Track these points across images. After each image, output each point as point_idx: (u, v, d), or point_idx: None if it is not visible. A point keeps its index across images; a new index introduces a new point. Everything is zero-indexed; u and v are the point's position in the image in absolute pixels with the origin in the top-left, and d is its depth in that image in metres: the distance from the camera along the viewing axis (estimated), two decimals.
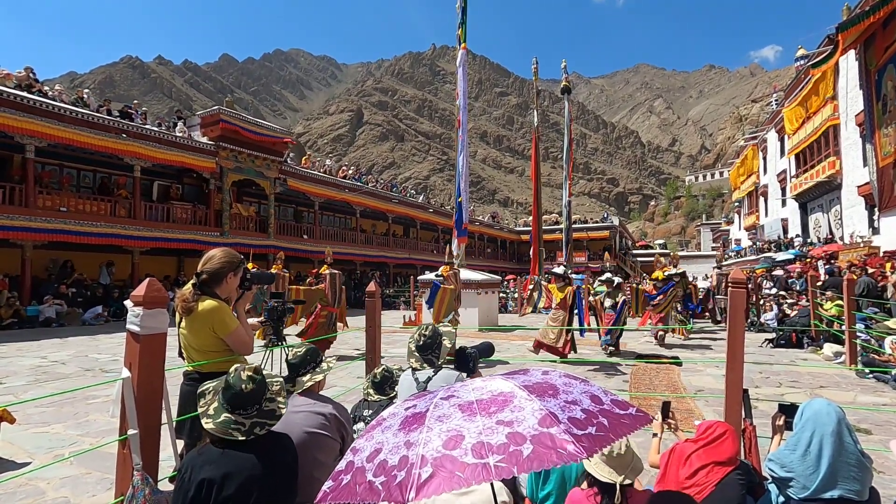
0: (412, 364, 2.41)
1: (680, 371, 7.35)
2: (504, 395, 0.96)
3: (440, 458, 0.83)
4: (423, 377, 2.28)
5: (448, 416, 0.94)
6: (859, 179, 18.24)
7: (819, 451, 1.88)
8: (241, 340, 2.42)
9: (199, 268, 2.44)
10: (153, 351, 1.84)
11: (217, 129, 17.70)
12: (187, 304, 2.31)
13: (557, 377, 1.07)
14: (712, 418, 4.88)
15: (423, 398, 1.09)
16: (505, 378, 1.06)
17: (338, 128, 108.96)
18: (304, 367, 2.44)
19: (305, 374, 2.42)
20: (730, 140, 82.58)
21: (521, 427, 0.86)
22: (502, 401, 0.94)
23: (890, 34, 15.32)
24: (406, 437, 0.93)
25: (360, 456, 0.97)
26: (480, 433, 0.86)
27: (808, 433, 1.92)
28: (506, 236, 41.17)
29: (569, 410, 0.91)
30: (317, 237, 22.80)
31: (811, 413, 1.97)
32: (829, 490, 1.82)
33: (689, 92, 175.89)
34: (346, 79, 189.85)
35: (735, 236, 40.19)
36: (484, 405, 0.94)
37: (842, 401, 5.73)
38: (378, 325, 3.89)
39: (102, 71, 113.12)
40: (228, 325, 2.37)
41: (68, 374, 6.90)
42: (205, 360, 2.36)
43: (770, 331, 11.61)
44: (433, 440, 0.88)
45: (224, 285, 2.47)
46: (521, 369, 1.13)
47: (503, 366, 7.92)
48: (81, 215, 14.54)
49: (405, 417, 1.00)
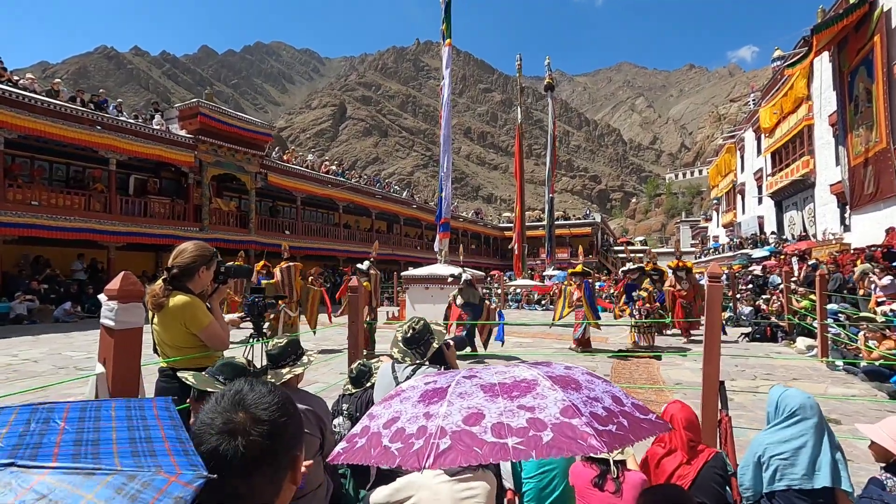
0: (394, 354, 2.38)
1: (659, 365, 7.48)
2: (527, 381, 0.98)
3: (459, 432, 0.85)
4: (403, 376, 2.26)
5: (470, 394, 0.95)
6: (832, 178, 18.76)
7: (807, 442, 1.97)
8: (215, 335, 2.37)
9: (170, 262, 2.37)
10: (128, 346, 1.80)
11: (196, 122, 17.34)
12: (157, 300, 2.25)
13: (580, 373, 1.09)
14: None
15: (443, 375, 1.11)
16: (529, 367, 1.08)
17: (320, 122, 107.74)
18: (285, 358, 2.40)
19: (285, 367, 2.39)
20: (709, 139, 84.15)
21: (542, 414, 0.87)
22: (525, 386, 0.96)
23: (862, 37, 15.75)
24: (426, 408, 0.94)
25: (377, 422, 0.98)
26: (501, 414, 0.87)
27: (799, 427, 2.00)
28: (489, 232, 41.32)
29: (591, 406, 0.92)
30: (299, 233, 22.55)
31: (797, 405, 2.04)
32: (815, 480, 1.90)
33: (669, 91, 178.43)
34: (328, 73, 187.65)
35: (713, 233, 40.99)
36: (507, 388, 0.95)
37: (813, 392, 5.89)
38: (361, 320, 3.87)
39: (76, 61, 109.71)
40: (201, 320, 2.32)
41: (41, 371, 6.71)
42: (179, 356, 2.31)
43: (746, 325, 11.91)
44: (454, 414, 0.89)
45: (197, 279, 2.40)
46: (543, 361, 1.15)
47: (485, 361, 7.94)
48: (54, 209, 14.12)
49: (425, 391, 1.02)
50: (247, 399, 0.82)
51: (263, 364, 2.40)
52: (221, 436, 0.76)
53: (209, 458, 0.74)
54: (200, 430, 0.78)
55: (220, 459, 0.75)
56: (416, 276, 13.96)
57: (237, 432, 0.77)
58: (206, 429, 0.78)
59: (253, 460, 0.76)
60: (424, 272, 13.94)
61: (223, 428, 0.77)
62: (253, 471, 0.77)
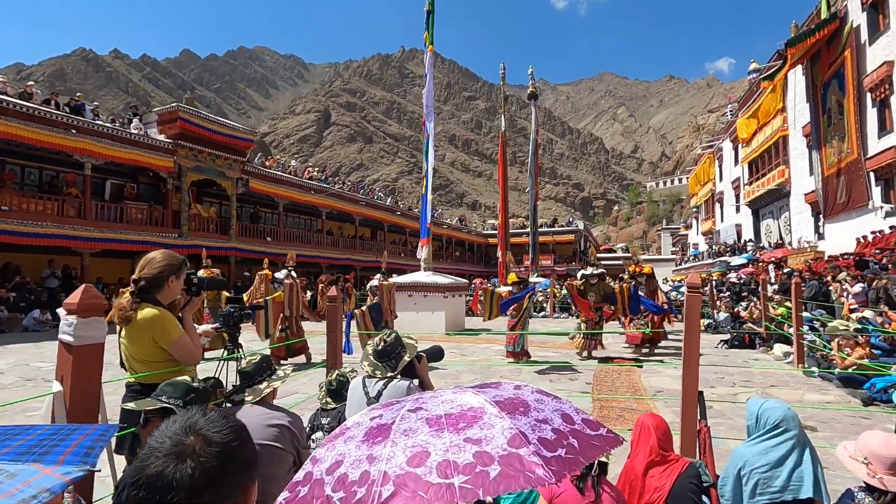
0: (365, 368, 2.34)
1: (641, 373, 7.53)
2: (474, 409, 0.94)
3: (403, 475, 0.80)
4: (374, 391, 2.21)
5: (414, 430, 0.90)
6: (806, 187, 19.27)
7: (789, 454, 1.97)
8: (185, 350, 2.28)
9: (137, 273, 2.28)
10: (88, 363, 1.71)
11: (175, 126, 17.04)
12: (125, 313, 2.15)
13: (529, 393, 1.05)
14: (671, 419, 5.01)
15: (389, 408, 1.05)
16: (476, 392, 1.04)
17: (304, 128, 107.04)
18: (261, 374, 2.35)
19: (262, 382, 2.33)
20: (688, 148, 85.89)
21: (489, 446, 0.83)
22: (472, 416, 0.92)
23: (834, 51, 16.28)
24: (369, 450, 0.89)
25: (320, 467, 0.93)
26: (447, 450, 0.83)
27: (781, 439, 2.01)
28: (473, 239, 41.39)
29: (539, 430, 0.89)
30: (280, 239, 22.27)
31: (779, 417, 2.05)
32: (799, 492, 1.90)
33: (650, 101, 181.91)
34: (313, 79, 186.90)
35: (693, 241, 41.74)
36: (453, 420, 0.91)
37: (790, 399, 6.00)
38: (339, 331, 3.80)
39: (53, 63, 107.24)
40: (170, 333, 2.22)
41: (7, 384, 6.45)
42: (147, 370, 2.22)
43: (725, 332, 12.10)
44: (397, 455, 0.84)
45: (166, 290, 2.32)
46: (492, 382, 1.11)
47: (467, 374, 7.91)
48: (26, 214, 13.70)
49: (370, 428, 0.97)
50: (199, 423, 0.78)
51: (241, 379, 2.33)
52: (169, 458, 0.72)
53: (155, 481, 0.70)
54: (148, 454, 0.73)
55: (167, 483, 0.70)
56: (399, 283, 13.88)
57: (187, 455, 0.72)
58: (153, 452, 0.73)
59: (202, 485, 0.71)
60: (408, 280, 13.88)
61: (172, 450, 0.73)
62: (201, 496, 0.72)
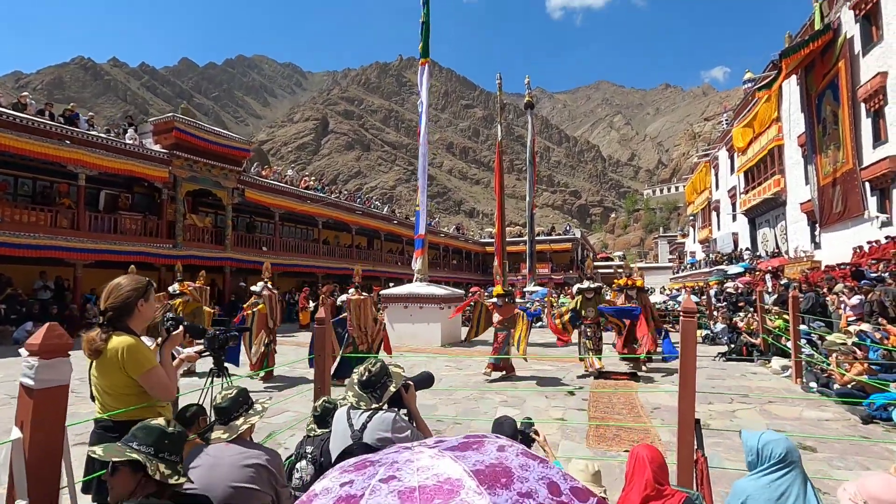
0: (349, 398, 2.25)
1: (638, 389, 7.43)
2: (451, 482, 0.85)
3: None
4: (359, 423, 2.12)
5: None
6: (802, 197, 19.28)
7: (790, 487, 1.95)
8: (158, 383, 2.17)
9: (103, 303, 2.18)
10: (50, 408, 1.61)
11: (171, 136, 16.97)
12: (94, 346, 2.05)
13: (514, 456, 0.95)
14: (667, 439, 4.91)
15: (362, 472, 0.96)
16: (455, 457, 0.94)
17: (302, 136, 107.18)
18: (237, 409, 2.25)
19: (239, 418, 2.24)
20: (684, 156, 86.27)
21: None
22: (448, 490, 0.83)
23: (828, 62, 16.36)
24: None
25: None
26: None
27: (784, 471, 1.97)
28: (471, 248, 41.32)
29: None
30: (277, 249, 22.16)
31: (783, 451, 2.01)
32: None
33: (646, 109, 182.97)
34: (311, 87, 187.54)
35: (690, 249, 41.75)
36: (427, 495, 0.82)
37: (789, 416, 5.91)
38: (328, 353, 3.70)
39: (51, 71, 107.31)
40: (142, 364, 2.11)
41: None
42: (119, 405, 2.11)
43: (722, 343, 12.02)
44: None
45: (137, 315, 2.23)
46: (475, 439, 1.01)
47: (451, 398, 7.81)
48: (18, 226, 13.57)
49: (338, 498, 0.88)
50: None
51: (217, 415, 2.23)
52: None
53: None
54: None
55: None
56: (395, 294, 13.79)
57: None
58: None
59: None
60: (404, 291, 13.78)
61: None
62: None
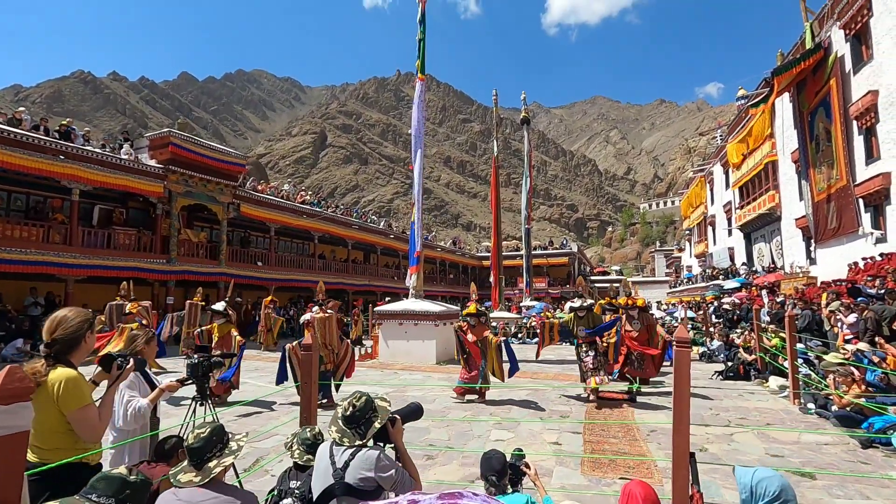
0: (333, 434, 2.16)
1: (634, 410, 7.31)
2: None
3: None
4: (341, 461, 2.04)
5: None
6: (797, 212, 19.36)
7: None
8: (86, 422, 2.06)
9: (48, 336, 2.11)
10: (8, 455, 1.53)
11: (167, 151, 16.96)
12: (37, 379, 1.97)
13: None
14: (664, 465, 4.79)
15: None
16: None
17: (301, 149, 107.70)
18: (210, 450, 2.14)
19: (212, 460, 2.13)
20: (680, 170, 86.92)
21: None
22: None
23: (819, 80, 16.54)
24: None
25: None
26: None
27: None
28: (467, 262, 41.25)
29: None
30: (272, 264, 22.06)
31: (778, 488, 1.96)
32: None
33: (642, 124, 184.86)
34: (309, 101, 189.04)
35: (687, 263, 41.80)
36: None
37: (787, 440, 5.81)
38: (314, 380, 3.61)
39: (51, 85, 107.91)
40: (78, 399, 2.01)
41: None
42: (42, 443, 2.02)
43: (719, 361, 11.92)
44: None
45: (83, 347, 2.19)
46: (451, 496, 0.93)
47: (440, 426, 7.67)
48: (9, 241, 13.45)
49: None
50: None
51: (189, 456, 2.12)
52: None
53: None
54: None
55: None
56: (389, 311, 13.67)
57: None
58: None
59: None
60: (398, 308, 13.67)
61: None
62: None
